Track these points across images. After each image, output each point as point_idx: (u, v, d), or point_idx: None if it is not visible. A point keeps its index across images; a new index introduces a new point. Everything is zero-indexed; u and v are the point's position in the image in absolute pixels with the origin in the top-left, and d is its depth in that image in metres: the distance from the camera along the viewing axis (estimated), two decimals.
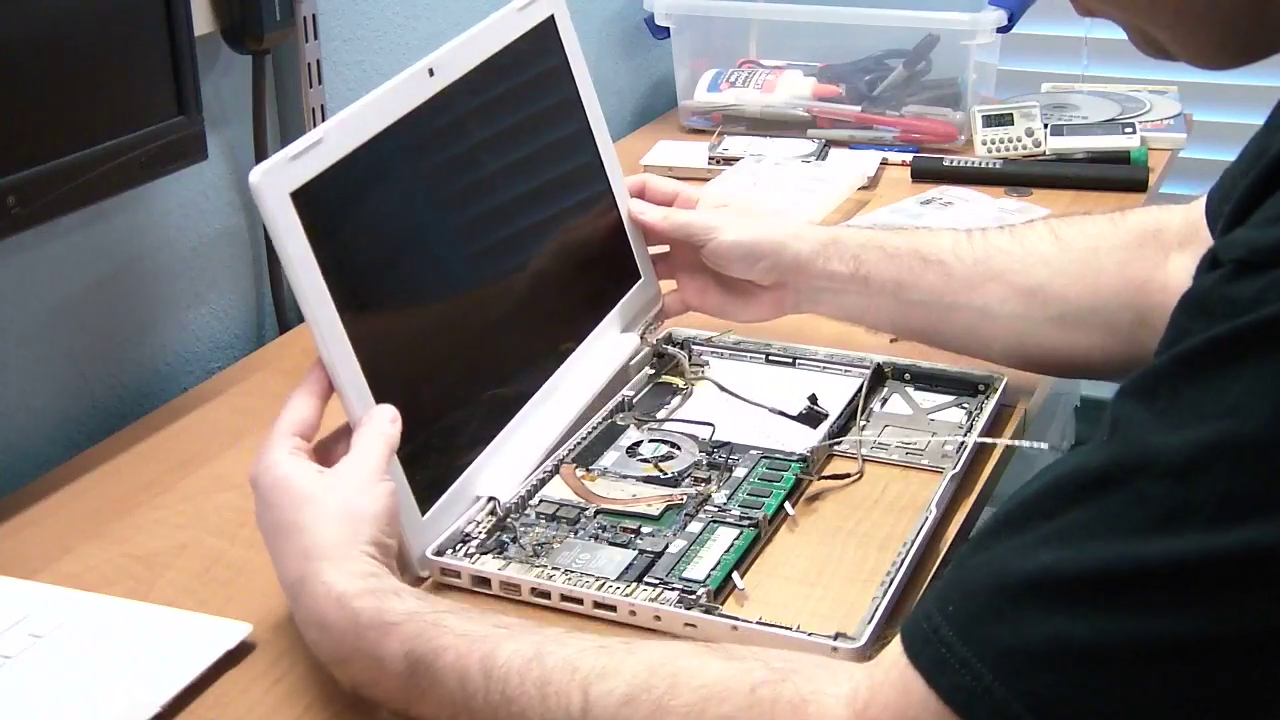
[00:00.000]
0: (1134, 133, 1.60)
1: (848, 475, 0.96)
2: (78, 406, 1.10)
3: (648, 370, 1.10)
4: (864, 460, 0.98)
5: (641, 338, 1.12)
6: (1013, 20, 1.62)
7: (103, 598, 0.86)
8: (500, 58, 1.03)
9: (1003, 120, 1.60)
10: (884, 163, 1.59)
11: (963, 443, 0.99)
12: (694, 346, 1.13)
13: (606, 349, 1.07)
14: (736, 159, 1.57)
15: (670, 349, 1.11)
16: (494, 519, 0.90)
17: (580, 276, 1.07)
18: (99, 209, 1.06)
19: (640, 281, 1.12)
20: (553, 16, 1.10)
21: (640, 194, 1.13)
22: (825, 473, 0.97)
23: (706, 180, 1.50)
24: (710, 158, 1.61)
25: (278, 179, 0.80)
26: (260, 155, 1.23)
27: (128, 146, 1.00)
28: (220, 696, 0.79)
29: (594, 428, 1.01)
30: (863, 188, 1.52)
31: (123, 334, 1.14)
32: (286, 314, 1.27)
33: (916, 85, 1.69)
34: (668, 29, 1.76)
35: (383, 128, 0.89)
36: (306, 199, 0.81)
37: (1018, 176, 1.54)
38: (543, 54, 1.10)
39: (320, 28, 1.28)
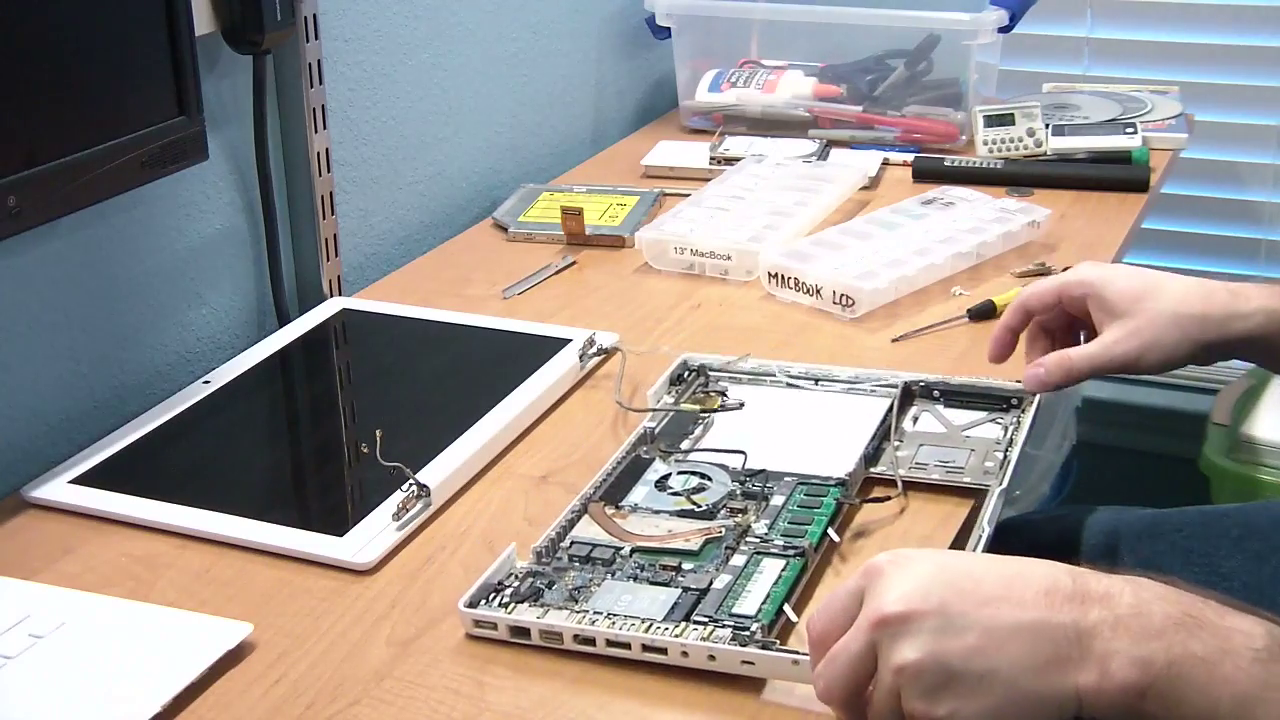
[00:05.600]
0: (1135, 133, 1.60)
1: (888, 497, 0.93)
2: (78, 406, 1.10)
3: (666, 399, 1.06)
4: (902, 480, 0.95)
5: (580, 358, 1.13)
6: (1014, 20, 1.62)
7: (103, 598, 0.86)
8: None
9: (1004, 120, 1.60)
10: (885, 163, 1.59)
11: (1005, 457, 0.96)
12: (711, 373, 1.09)
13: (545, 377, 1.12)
14: (738, 159, 1.57)
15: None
16: (524, 567, 0.86)
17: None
18: (99, 209, 1.06)
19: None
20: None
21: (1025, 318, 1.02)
22: (865, 496, 0.94)
23: (708, 180, 1.50)
24: (711, 158, 1.61)
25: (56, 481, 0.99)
26: (261, 155, 1.23)
27: (128, 146, 1.00)
28: (220, 696, 0.79)
29: (618, 462, 0.97)
30: (864, 188, 1.52)
31: (123, 334, 1.14)
32: (287, 314, 1.27)
33: (917, 85, 1.69)
34: (669, 29, 1.76)
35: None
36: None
37: (1019, 176, 1.54)
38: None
39: (321, 28, 1.28)
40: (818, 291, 1.24)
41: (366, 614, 0.86)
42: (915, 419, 1.03)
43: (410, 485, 0.95)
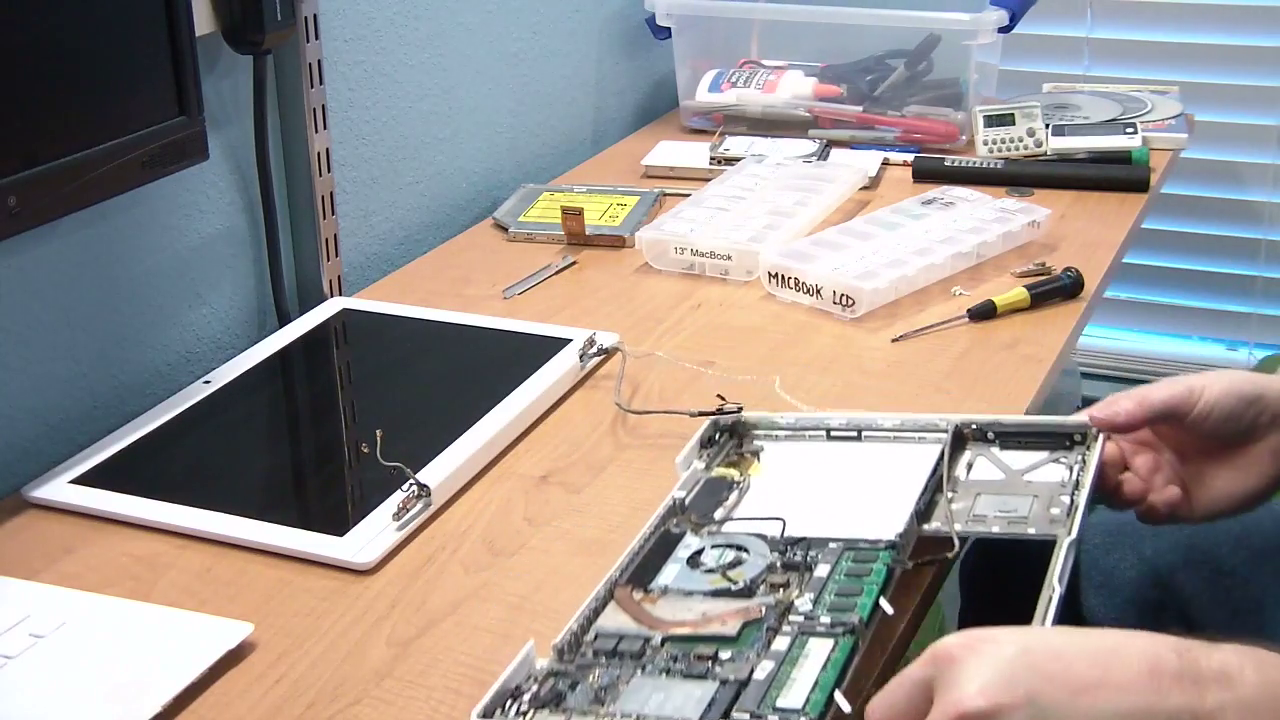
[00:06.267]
0: (1135, 133, 1.60)
1: (944, 558, 0.84)
2: (78, 406, 1.10)
3: (697, 464, 0.95)
4: (959, 537, 0.84)
5: (580, 358, 1.13)
6: (1014, 20, 1.62)
7: (103, 598, 0.86)
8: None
9: (1004, 120, 1.60)
10: (885, 163, 1.59)
11: (1072, 502, 0.86)
12: (744, 432, 0.99)
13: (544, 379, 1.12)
14: (738, 159, 1.57)
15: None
16: (543, 667, 0.76)
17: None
18: (99, 209, 1.06)
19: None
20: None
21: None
22: (920, 558, 0.84)
23: (708, 180, 1.50)
24: (711, 158, 1.61)
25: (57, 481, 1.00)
26: (261, 155, 1.23)
27: (128, 146, 1.00)
28: (220, 696, 0.79)
29: (646, 539, 0.87)
30: (864, 188, 1.52)
31: (123, 334, 1.14)
32: (287, 314, 1.27)
33: (918, 85, 1.69)
34: (669, 29, 1.76)
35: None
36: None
37: (1019, 176, 1.54)
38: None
39: (321, 27, 1.28)
40: (818, 291, 1.24)
41: (366, 614, 0.86)
42: (970, 466, 0.92)
43: (410, 485, 0.95)
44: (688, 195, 1.46)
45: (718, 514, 0.90)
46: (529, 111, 1.66)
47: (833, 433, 0.97)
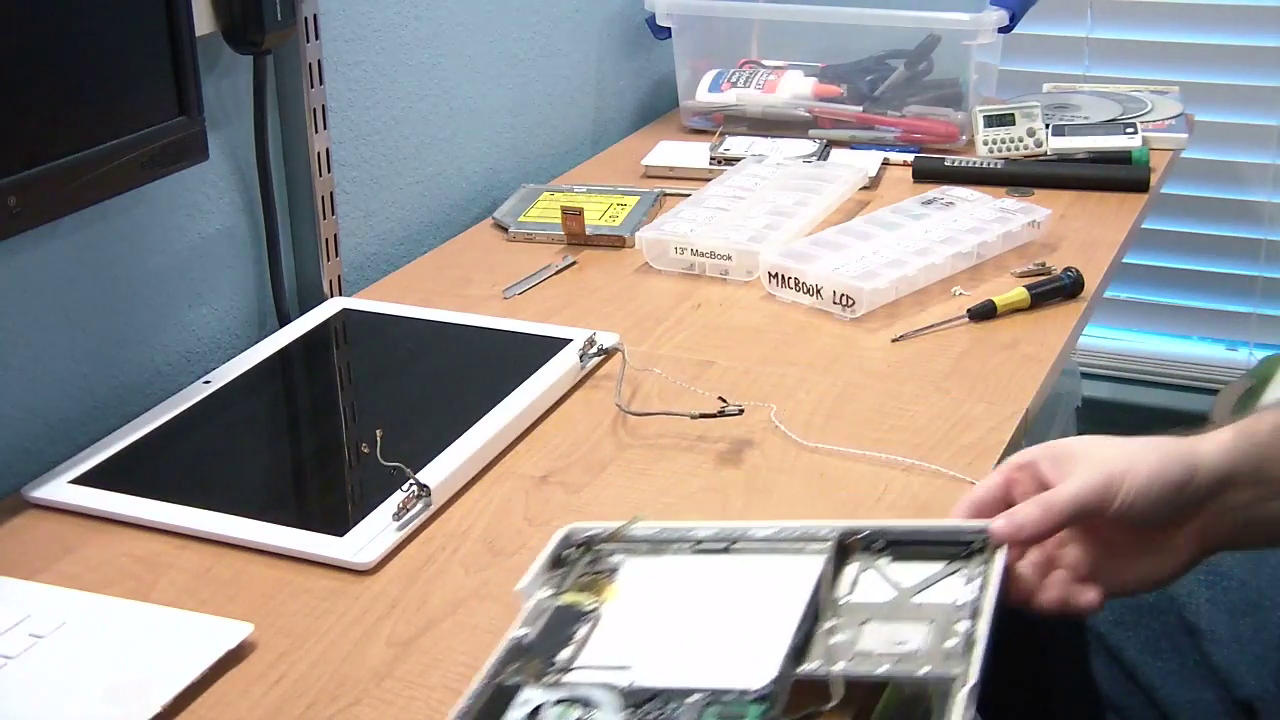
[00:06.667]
0: (1135, 133, 1.60)
1: (822, 710, 0.69)
2: (78, 406, 1.10)
3: (541, 594, 0.80)
4: (845, 681, 0.70)
5: (580, 358, 1.13)
6: (1014, 20, 1.62)
7: (103, 598, 0.87)
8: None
9: (1004, 120, 1.60)
10: (885, 163, 1.59)
11: (971, 632, 0.71)
12: (598, 545, 0.83)
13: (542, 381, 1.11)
14: (738, 159, 1.57)
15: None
16: None
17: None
18: (99, 209, 1.06)
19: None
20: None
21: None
22: (796, 712, 0.69)
23: (708, 180, 1.50)
24: (711, 158, 1.61)
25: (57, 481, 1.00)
26: (261, 155, 1.23)
27: (128, 146, 1.00)
28: (220, 696, 0.79)
29: (475, 695, 0.72)
30: (864, 188, 1.52)
31: (123, 334, 1.14)
32: (287, 314, 1.27)
33: (918, 85, 1.69)
34: (669, 29, 1.76)
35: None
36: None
37: (1019, 176, 1.54)
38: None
39: (321, 27, 1.28)
40: (818, 291, 1.24)
41: (366, 614, 0.86)
42: (855, 583, 0.77)
43: (410, 485, 0.95)
44: (688, 195, 1.46)
45: (563, 654, 0.75)
46: (529, 111, 1.66)
47: (700, 545, 0.83)
